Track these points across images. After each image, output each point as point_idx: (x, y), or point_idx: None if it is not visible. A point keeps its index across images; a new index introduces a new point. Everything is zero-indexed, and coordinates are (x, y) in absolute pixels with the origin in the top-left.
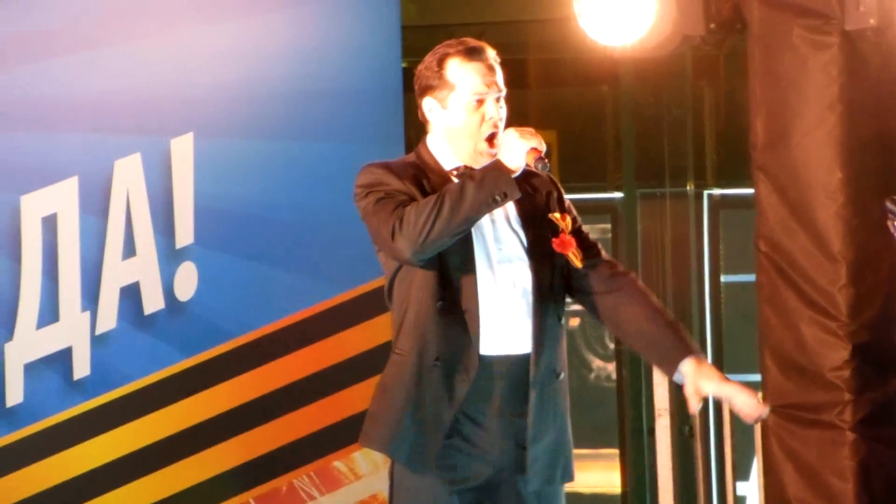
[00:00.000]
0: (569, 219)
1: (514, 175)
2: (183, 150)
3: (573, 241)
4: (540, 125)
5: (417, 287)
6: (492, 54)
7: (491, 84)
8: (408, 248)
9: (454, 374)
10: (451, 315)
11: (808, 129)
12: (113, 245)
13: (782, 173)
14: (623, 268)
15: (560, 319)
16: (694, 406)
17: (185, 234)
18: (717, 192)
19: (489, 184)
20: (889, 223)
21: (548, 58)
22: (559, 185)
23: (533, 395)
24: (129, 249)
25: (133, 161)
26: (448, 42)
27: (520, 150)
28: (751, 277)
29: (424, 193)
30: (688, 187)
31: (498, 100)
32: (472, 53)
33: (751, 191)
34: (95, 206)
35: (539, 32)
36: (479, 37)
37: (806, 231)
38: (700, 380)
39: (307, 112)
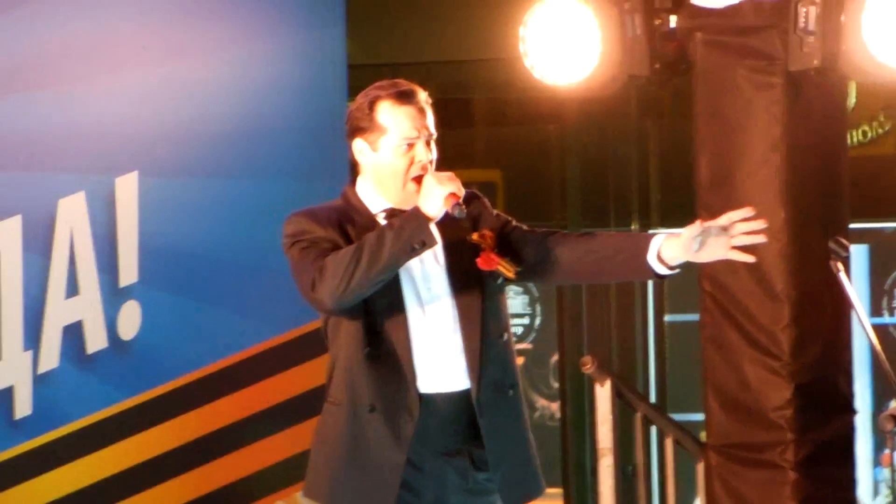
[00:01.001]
0: (489, 234)
1: (432, 222)
2: (127, 189)
3: (495, 258)
4: (485, 164)
5: (344, 334)
6: (423, 97)
7: (421, 128)
8: (328, 298)
9: (396, 417)
10: (381, 360)
11: (753, 169)
12: (56, 283)
13: (726, 212)
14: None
15: (502, 336)
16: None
17: (129, 273)
18: (661, 231)
19: (407, 233)
20: (832, 263)
21: (493, 97)
22: (485, 201)
23: (483, 423)
24: (73, 288)
25: (77, 199)
26: (380, 84)
27: (437, 196)
28: (695, 317)
29: (348, 238)
30: (632, 226)
31: (428, 142)
32: (404, 97)
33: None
34: (39, 244)
35: (484, 71)
36: (424, 76)
37: (749, 271)
38: (678, 246)
39: (252, 150)
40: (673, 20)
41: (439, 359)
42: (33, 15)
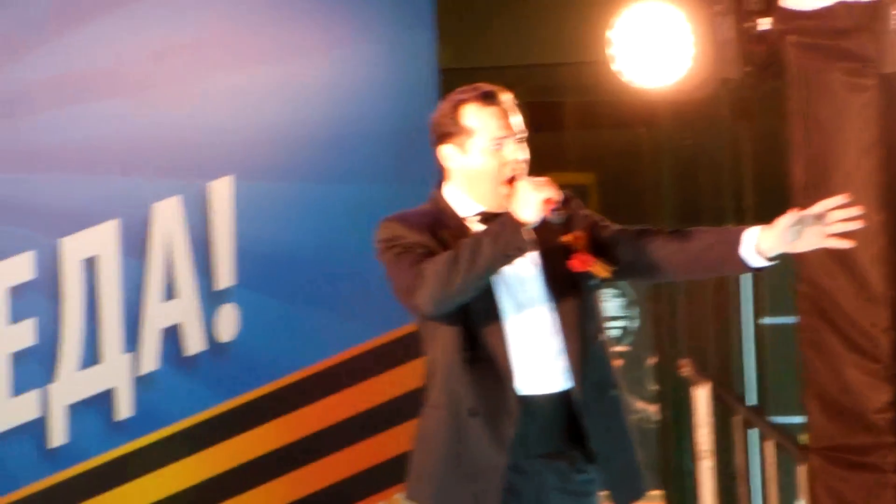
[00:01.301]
0: (581, 235)
1: (527, 228)
2: (222, 193)
3: (589, 259)
4: (578, 167)
5: (442, 339)
6: (507, 98)
7: (507, 127)
8: (427, 303)
9: (496, 420)
10: (480, 364)
11: (848, 172)
12: (153, 287)
13: None
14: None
15: (598, 337)
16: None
17: (225, 276)
18: None
19: (504, 240)
20: None
21: (584, 100)
22: (577, 201)
23: (588, 423)
24: (170, 291)
25: (172, 204)
26: (462, 88)
27: (534, 202)
28: (793, 319)
29: (441, 243)
30: None
31: (520, 141)
32: (487, 98)
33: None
34: (135, 248)
35: (575, 75)
36: (515, 79)
37: (847, 273)
38: (774, 237)
39: (346, 154)
40: (764, 23)
41: (537, 361)
42: (128, 21)
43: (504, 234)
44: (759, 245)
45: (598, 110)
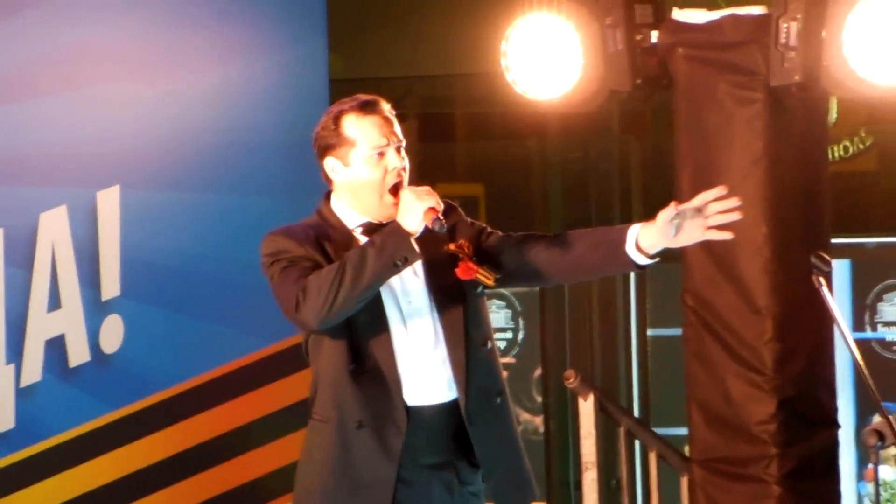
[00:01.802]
0: (465, 244)
1: (413, 237)
2: (109, 203)
3: (474, 267)
4: (468, 178)
5: (327, 352)
6: (386, 107)
7: (389, 135)
8: (312, 318)
9: (384, 432)
10: (366, 376)
11: (734, 184)
12: (38, 297)
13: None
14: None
15: (486, 344)
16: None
17: (111, 287)
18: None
19: (389, 249)
20: (814, 278)
21: (475, 112)
22: (460, 211)
23: (473, 431)
24: (55, 301)
25: (59, 213)
26: (341, 100)
27: (417, 211)
28: (678, 331)
29: (326, 256)
30: None
31: (399, 150)
32: (367, 107)
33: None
34: (20, 257)
35: (466, 86)
36: (406, 90)
37: (732, 285)
38: (655, 233)
39: (234, 165)
40: (654, 35)
41: (424, 371)
42: (13, 29)
43: (389, 244)
44: (640, 242)
45: (488, 122)
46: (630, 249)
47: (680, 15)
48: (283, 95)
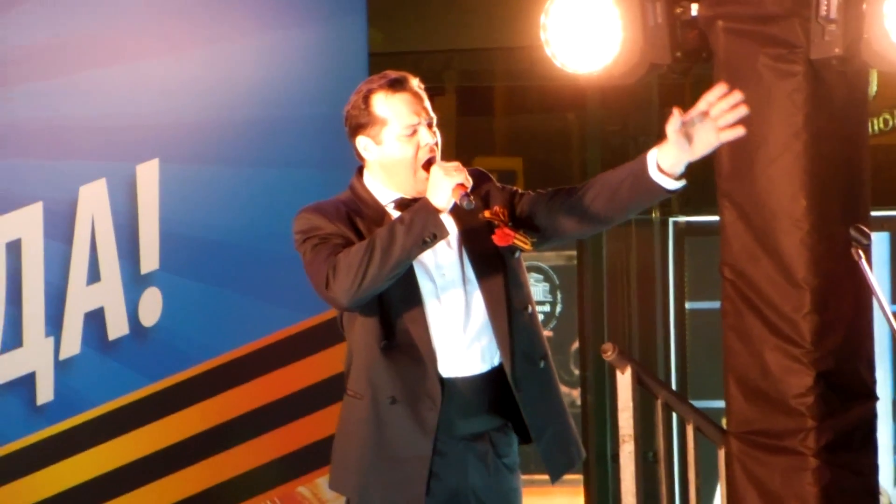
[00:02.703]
0: (501, 210)
1: (442, 213)
2: (148, 176)
3: (510, 232)
4: (506, 152)
5: (360, 328)
6: (415, 83)
7: (420, 112)
8: (343, 296)
9: (419, 406)
10: (399, 351)
11: (773, 157)
12: (77, 270)
13: (747, 201)
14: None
15: (527, 308)
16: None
17: (149, 260)
18: (682, 219)
19: (418, 226)
20: (853, 251)
21: (514, 85)
22: (491, 177)
23: (520, 397)
24: (94, 275)
25: (98, 186)
26: (370, 78)
27: (445, 187)
28: (716, 304)
29: (358, 232)
30: (653, 215)
31: (430, 126)
32: (396, 85)
33: (716, 218)
34: (60, 231)
35: (505, 60)
36: (445, 64)
37: (770, 258)
38: (670, 149)
39: (274, 139)
40: (694, 9)
41: (458, 343)
42: (54, 4)
43: (418, 221)
44: (661, 164)
45: (527, 95)
46: (654, 174)
47: None
48: (322, 69)
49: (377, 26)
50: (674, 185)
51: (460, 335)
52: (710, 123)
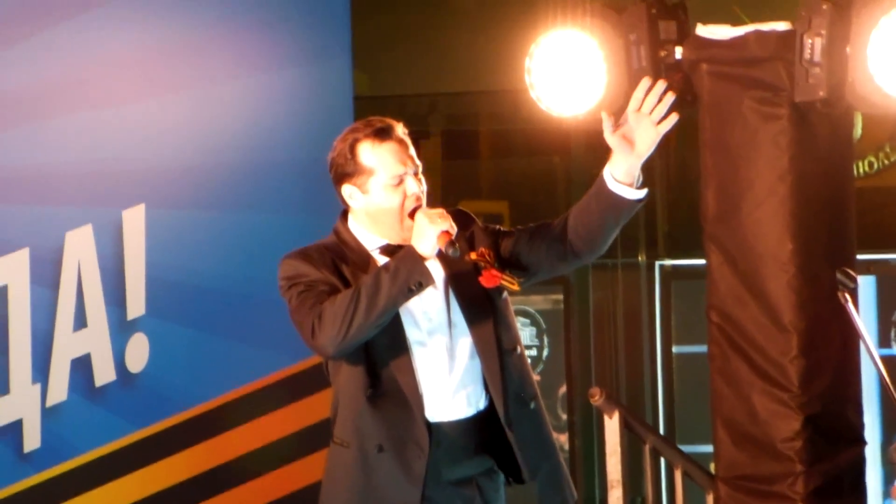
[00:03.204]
0: (486, 251)
1: (426, 261)
2: (135, 222)
3: (497, 273)
4: (491, 195)
5: (345, 376)
6: (401, 130)
7: (406, 161)
8: (329, 345)
9: (406, 454)
10: (386, 398)
11: (759, 200)
12: (64, 316)
13: (733, 244)
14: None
15: (516, 349)
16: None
17: (136, 306)
18: (668, 262)
19: (403, 274)
20: (840, 294)
21: (499, 128)
22: (475, 218)
23: (513, 437)
24: (81, 321)
25: (84, 232)
26: (355, 126)
27: (430, 235)
28: (703, 348)
29: (344, 278)
30: (639, 258)
31: (416, 174)
32: (382, 134)
33: (702, 261)
34: (46, 277)
35: (490, 103)
36: (430, 107)
37: (757, 301)
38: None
39: (260, 183)
40: (678, 52)
41: (445, 388)
42: (39, 48)
43: (403, 269)
44: (615, 175)
45: (512, 139)
46: (613, 186)
47: (704, 31)
48: (307, 113)
49: (362, 70)
50: (634, 194)
51: (446, 379)
52: (646, 120)
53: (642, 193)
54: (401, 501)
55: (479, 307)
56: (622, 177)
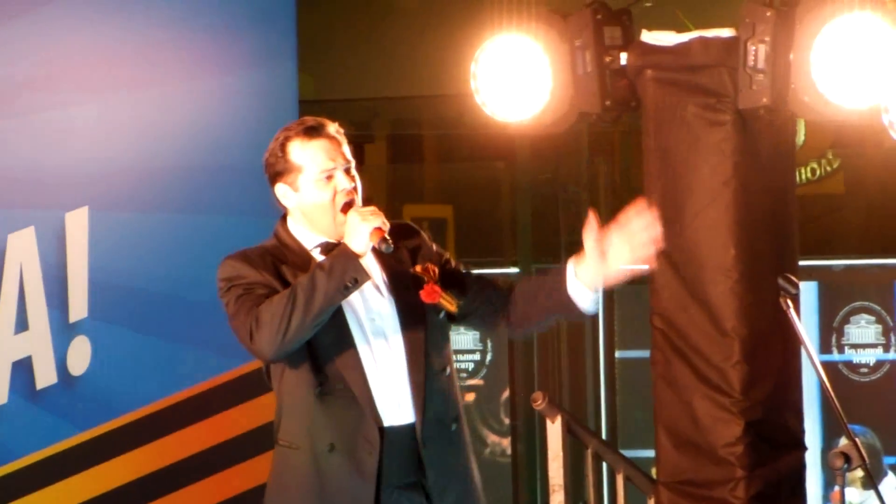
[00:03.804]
0: (431, 267)
1: (361, 258)
2: (78, 224)
3: (438, 290)
4: (436, 199)
5: (290, 378)
6: (333, 128)
7: (336, 157)
8: (267, 348)
9: (357, 453)
10: (334, 397)
11: (702, 207)
12: (5, 319)
13: (676, 250)
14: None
15: (445, 369)
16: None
17: (78, 308)
18: None
19: (338, 271)
20: (782, 300)
21: (444, 133)
22: (423, 234)
23: (426, 455)
24: (22, 323)
25: (26, 234)
26: (287, 126)
27: (363, 231)
28: (646, 353)
29: (283, 280)
30: None
31: (348, 171)
32: (312, 132)
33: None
34: None
35: (435, 108)
36: (375, 112)
37: (700, 307)
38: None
39: (204, 186)
40: (624, 57)
41: (394, 390)
42: None
43: (337, 267)
44: (578, 276)
45: (457, 143)
46: (572, 284)
47: (648, 37)
48: (252, 116)
49: (308, 73)
50: (587, 303)
51: (394, 381)
52: (626, 240)
53: (594, 308)
54: (353, 501)
55: (416, 320)
56: (586, 281)
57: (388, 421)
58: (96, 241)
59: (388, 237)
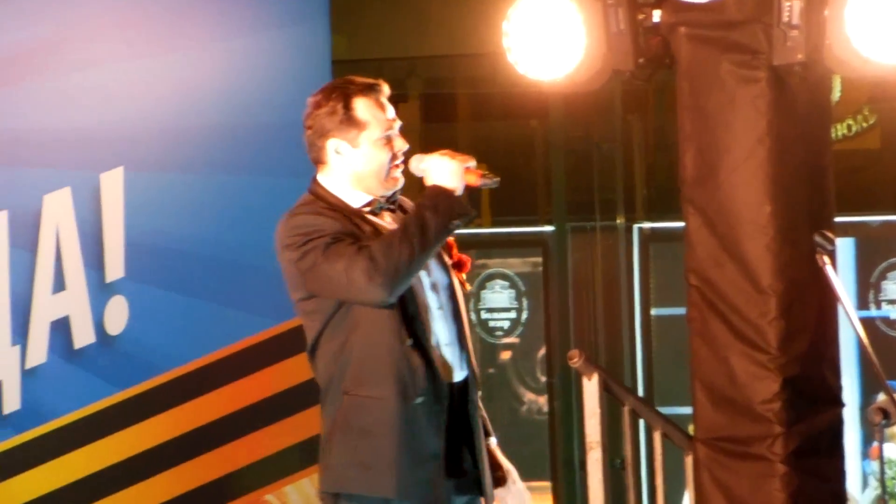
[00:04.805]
0: (474, 167)
1: (459, 195)
2: (113, 184)
3: (477, 171)
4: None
5: (374, 328)
6: (386, 89)
7: (395, 119)
8: (386, 287)
9: (433, 406)
10: (418, 351)
11: (737, 163)
12: (42, 279)
13: (711, 207)
14: None
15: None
16: None
17: (115, 268)
18: (647, 225)
19: (444, 209)
20: (818, 256)
21: (477, 92)
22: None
23: (472, 413)
24: (59, 283)
25: (63, 195)
26: (344, 81)
27: (456, 171)
28: (681, 310)
29: (357, 230)
30: (618, 221)
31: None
32: (378, 91)
33: (681, 224)
34: (24, 240)
35: (468, 67)
36: (408, 71)
37: (736, 264)
38: None
39: (239, 146)
40: (657, 15)
41: (453, 348)
42: (16, 11)
43: (442, 204)
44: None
45: (490, 102)
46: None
47: None
48: (285, 76)
49: (341, 33)
50: None
51: (455, 339)
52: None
53: None
54: (432, 452)
55: (453, 282)
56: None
57: (449, 378)
58: (132, 201)
59: (487, 172)
